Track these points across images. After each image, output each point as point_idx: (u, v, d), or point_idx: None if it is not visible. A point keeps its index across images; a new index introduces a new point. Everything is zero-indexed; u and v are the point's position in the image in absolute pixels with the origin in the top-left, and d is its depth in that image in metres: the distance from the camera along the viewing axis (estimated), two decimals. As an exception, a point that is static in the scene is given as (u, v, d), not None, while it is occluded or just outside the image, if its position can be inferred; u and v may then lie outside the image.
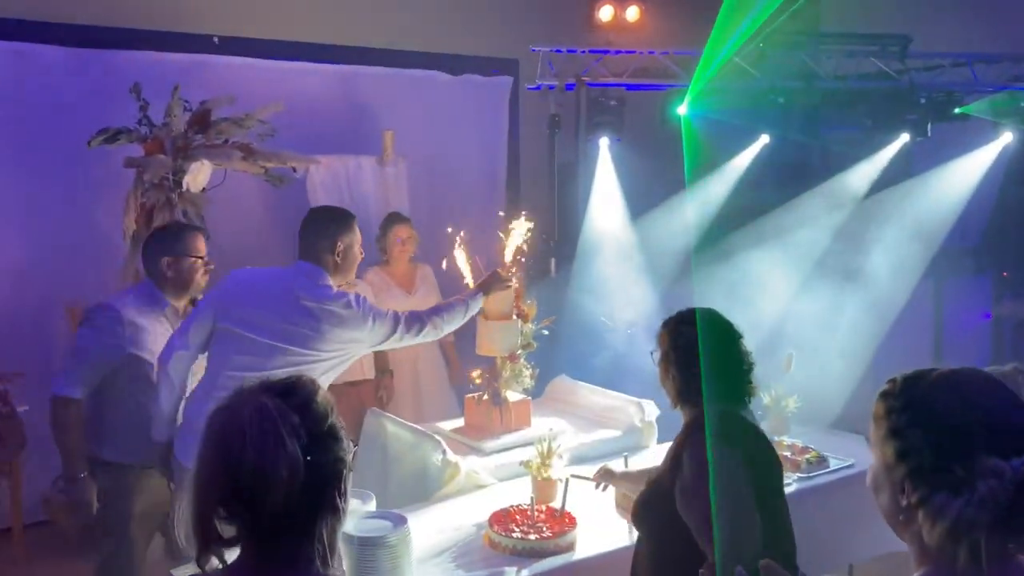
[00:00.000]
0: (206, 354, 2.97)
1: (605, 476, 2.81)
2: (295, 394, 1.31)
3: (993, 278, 6.11)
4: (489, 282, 3.37)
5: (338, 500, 1.31)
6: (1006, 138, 5.87)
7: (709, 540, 2.03)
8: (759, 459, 2.21)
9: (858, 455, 3.31)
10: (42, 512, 4.64)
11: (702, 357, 2.16)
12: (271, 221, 5.06)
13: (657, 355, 2.35)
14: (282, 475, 1.22)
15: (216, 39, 5.18)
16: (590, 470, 2.93)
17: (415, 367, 4.53)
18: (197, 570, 1.26)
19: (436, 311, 3.20)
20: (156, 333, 3.07)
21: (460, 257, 3.54)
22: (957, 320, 5.84)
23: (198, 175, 4.25)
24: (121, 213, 4.26)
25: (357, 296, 2.97)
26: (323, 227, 2.99)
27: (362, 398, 4.32)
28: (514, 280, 3.55)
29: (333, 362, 2.95)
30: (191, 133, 4.26)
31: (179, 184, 4.23)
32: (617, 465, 2.86)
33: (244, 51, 5.26)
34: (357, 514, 2.58)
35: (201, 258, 3.18)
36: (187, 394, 2.97)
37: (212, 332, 2.92)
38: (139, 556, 3.12)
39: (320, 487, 1.28)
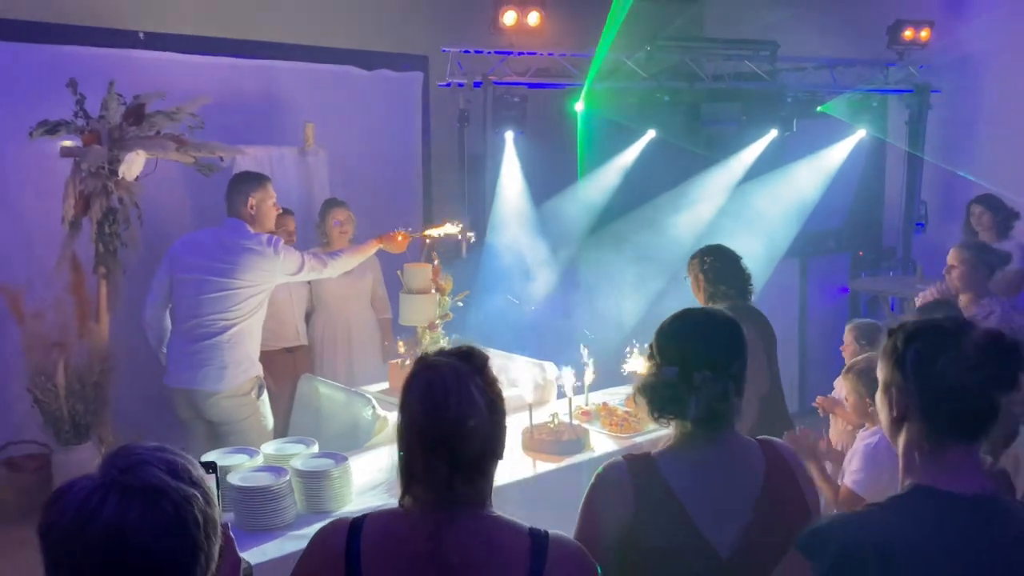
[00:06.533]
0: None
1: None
2: (476, 360, 1.56)
3: (851, 257, 6.93)
4: (384, 235, 4.21)
5: (503, 448, 1.57)
6: (860, 134, 6.68)
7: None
8: (766, 332, 3.57)
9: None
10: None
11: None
12: (200, 207, 5.36)
13: (689, 277, 3.64)
14: (475, 423, 1.48)
15: (141, 35, 5.43)
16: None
17: (349, 338, 4.95)
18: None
19: (335, 254, 4.14)
20: None
21: None
22: (819, 294, 6.62)
23: (133, 164, 4.53)
24: (59, 200, 4.51)
25: (270, 237, 3.85)
26: (237, 187, 3.92)
27: (296, 363, 4.74)
28: (433, 257, 4.06)
29: (254, 290, 3.73)
30: (126, 125, 4.54)
31: (115, 173, 4.51)
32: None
33: (168, 46, 5.51)
34: (304, 455, 3.03)
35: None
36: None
37: (171, 284, 3.84)
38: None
39: (495, 436, 1.54)
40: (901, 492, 1.51)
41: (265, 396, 3.83)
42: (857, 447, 2.84)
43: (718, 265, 3.57)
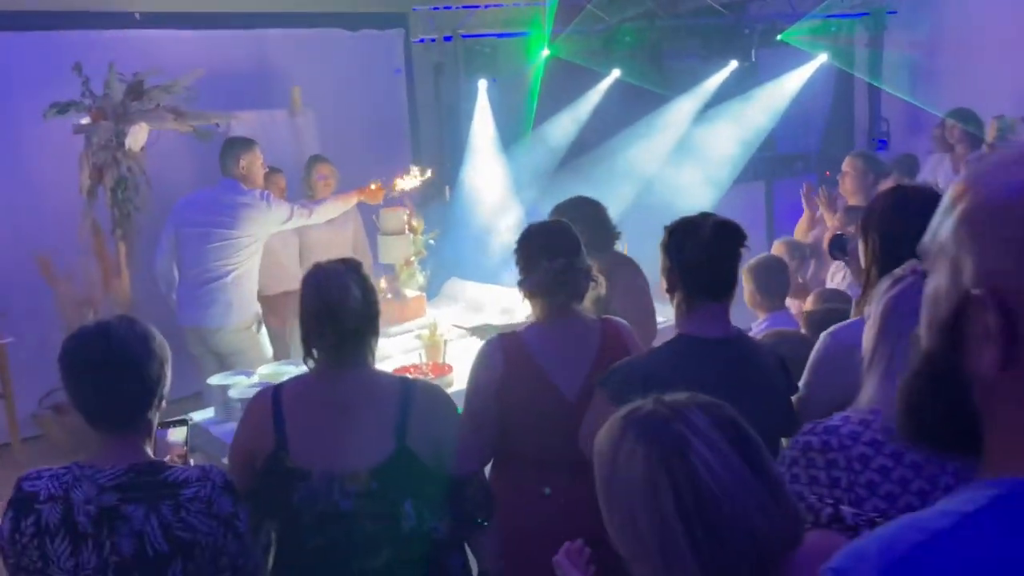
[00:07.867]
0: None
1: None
2: (353, 263, 2.14)
3: (819, 177, 7.30)
4: (363, 188, 4.78)
5: (379, 325, 2.08)
6: (822, 58, 7.00)
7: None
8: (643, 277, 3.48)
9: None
10: (35, 427, 5.60)
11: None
12: (199, 170, 5.88)
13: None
14: (352, 303, 2.00)
15: (137, 15, 5.91)
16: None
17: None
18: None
19: (319, 202, 4.73)
20: None
21: None
22: (785, 211, 7.02)
23: (137, 136, 5.07)
24: (76, 173, 5.07)
25: (262, 192, 4.42)
26: (228, 151, 4.47)
27: (295, 304, 5.28)
28: (406, 202, 4.59)
29: (251, 239, 4.30)
30: (128, 101, 5.06)
31: (122, 145, 5.05)
32: None
33: (162, 24, 5.99)
34: (292, 373, 3.59)
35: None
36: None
37: (176, 238, 4.41)
38: None
39: (369, 316, 2.06)
40: (670, 340, 2.03)
41: (264, 329, 4.42)
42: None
43: (578, 222, 3.63)
